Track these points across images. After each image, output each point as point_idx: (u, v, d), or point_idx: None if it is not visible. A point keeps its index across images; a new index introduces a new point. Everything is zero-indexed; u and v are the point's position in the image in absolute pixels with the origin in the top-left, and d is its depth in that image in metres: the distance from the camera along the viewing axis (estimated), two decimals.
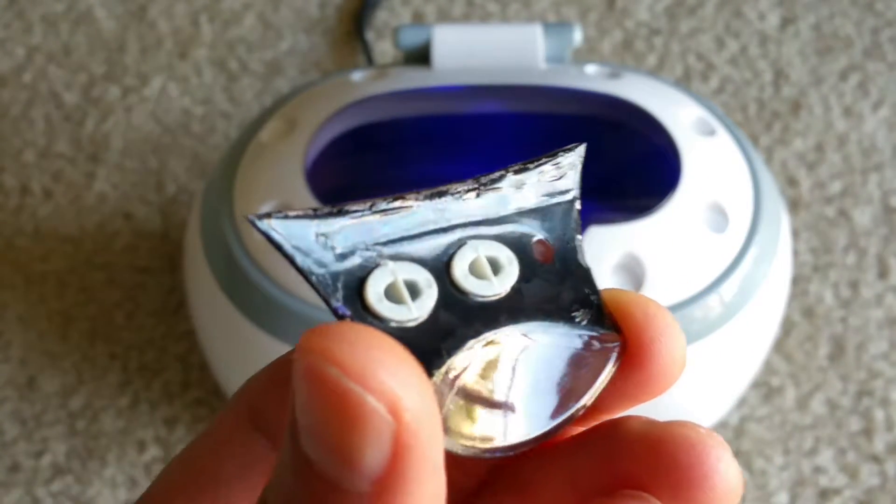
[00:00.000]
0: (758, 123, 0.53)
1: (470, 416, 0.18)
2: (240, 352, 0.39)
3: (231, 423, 0.20)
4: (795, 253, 0.48)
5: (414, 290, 0.18)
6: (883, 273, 0.48)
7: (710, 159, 0.39)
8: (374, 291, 0.17)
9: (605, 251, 0.36)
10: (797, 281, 0.47)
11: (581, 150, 0.19)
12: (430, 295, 0.18)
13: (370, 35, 0.56)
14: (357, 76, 0.42)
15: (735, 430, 0.44)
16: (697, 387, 0.39)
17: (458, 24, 0.56)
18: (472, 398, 0.18)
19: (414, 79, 0.41)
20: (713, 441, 0.18)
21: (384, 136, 0.42)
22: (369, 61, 0.54)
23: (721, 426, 0.44)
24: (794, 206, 0.50)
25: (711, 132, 0.40)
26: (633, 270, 0.36)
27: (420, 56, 0.42)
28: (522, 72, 0.41)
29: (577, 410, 0.18)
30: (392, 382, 0.15)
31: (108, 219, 0.50)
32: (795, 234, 0.49)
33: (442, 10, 0.57)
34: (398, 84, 0.41)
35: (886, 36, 0.56)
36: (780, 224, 0.40)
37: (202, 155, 0.52)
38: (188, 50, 0.55)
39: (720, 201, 0.38)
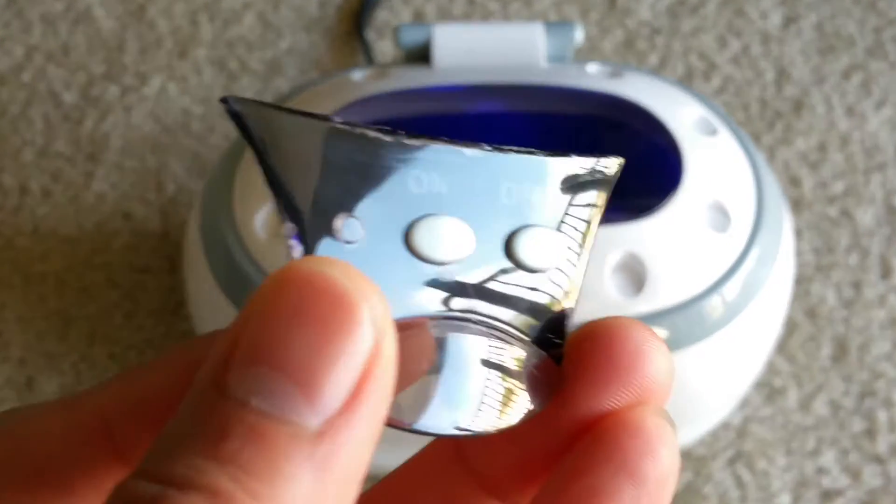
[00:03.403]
0: (760, 123, 0.52)
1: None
2: None
3: (81, 436, 0.17)
4: (798, 253, 0.48)
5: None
6: (886, 273, 0.48)
7: (712, 159, 0.39)
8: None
9: (607, 251, 0.36)
10: (799, 281, 0.47)
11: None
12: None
13: (370, 34, 0.56)
14: (357, 75, 0.42)
15: (738, 431, 0.44)
16: (700, 387, 0.39)
17: (459, 22, 0.56)
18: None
19: (414, 78, 0.41)
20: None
21: None
22: (369, 60, 0.54)
23: (724, 427, 0.44)
24: (796, 205, 0.50)
25: (713, 131, 0.40)
26: (635, 270, 0.36)
27: (420, 55, 0.41)
28: (523, 71, 0.41)
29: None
30: (381, 305, 0.13)
31: (108, 218, 0.50)
32: (798, 233, 0.49)
33: (442, 8, 0.57)
34: (398, 83, 0.41)
35: (889, 35, 0.55)
36: (782, 224, 0.40)
37: (202, 154, 0.52)
38: (188, 49, 0.55)
39: (722, 201, 0.38)
